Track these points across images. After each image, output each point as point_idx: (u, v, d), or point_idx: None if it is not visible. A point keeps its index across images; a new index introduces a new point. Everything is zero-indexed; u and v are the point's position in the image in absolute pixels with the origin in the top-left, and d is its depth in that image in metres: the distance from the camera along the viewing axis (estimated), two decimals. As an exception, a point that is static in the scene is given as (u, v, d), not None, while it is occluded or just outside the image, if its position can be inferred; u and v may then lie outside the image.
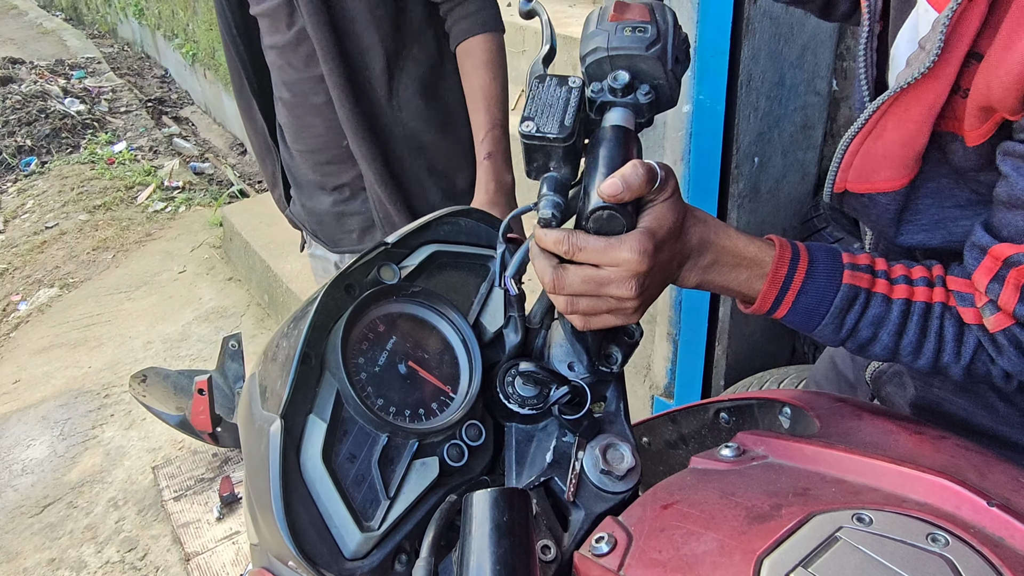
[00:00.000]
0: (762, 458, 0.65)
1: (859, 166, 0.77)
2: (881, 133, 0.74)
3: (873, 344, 0.73)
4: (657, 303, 1.96)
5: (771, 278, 0.71)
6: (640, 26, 0.68)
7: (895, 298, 0.72)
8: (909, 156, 0.73)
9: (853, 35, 1.82)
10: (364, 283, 0.72)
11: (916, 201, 0.77)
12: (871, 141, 0.75)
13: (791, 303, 0.72)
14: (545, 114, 0.67)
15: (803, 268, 0.72)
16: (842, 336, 0.73)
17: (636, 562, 0.56)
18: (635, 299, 0.65)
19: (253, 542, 0.70)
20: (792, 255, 0.72)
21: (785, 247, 0.72)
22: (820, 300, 0.71)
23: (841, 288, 0.71)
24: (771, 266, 0.71)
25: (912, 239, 0.79)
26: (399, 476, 0.64)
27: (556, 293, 0.67)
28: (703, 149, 1.70)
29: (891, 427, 0.67)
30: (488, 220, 0.82)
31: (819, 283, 0.71)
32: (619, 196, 0.63)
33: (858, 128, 0.75)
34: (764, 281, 0.71)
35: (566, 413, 0.70)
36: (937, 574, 0.47)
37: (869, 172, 0.76)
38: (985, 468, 0.58)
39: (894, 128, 0.72)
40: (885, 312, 0.72)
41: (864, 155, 0.76)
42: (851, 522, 0.51)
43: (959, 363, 0.71)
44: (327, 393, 0.65)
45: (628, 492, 0.68)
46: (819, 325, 0.72)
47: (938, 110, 0.69)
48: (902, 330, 0.72)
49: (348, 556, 0.60)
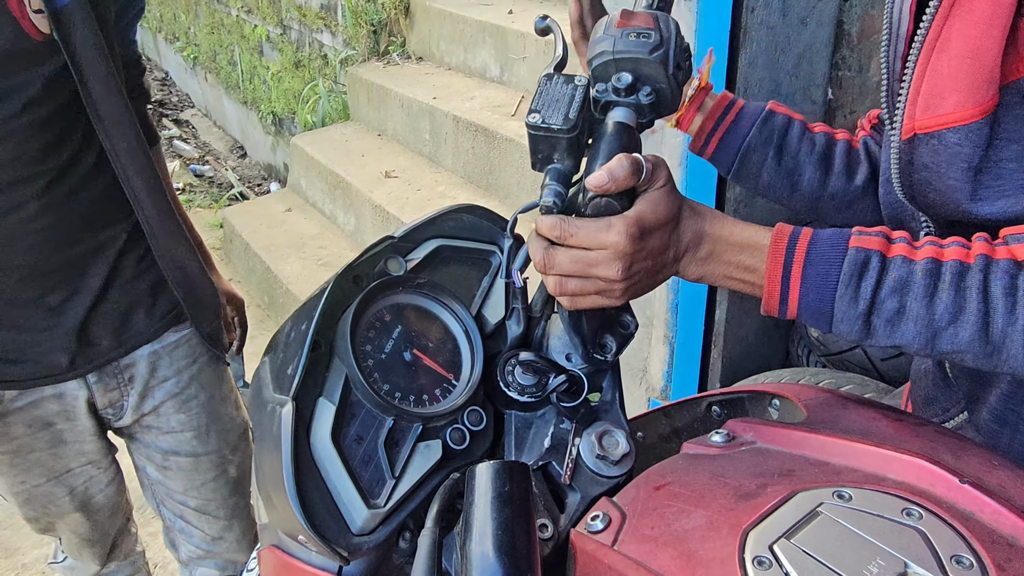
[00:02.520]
0: (750, 443, 0.68)
1: (926, 92, 0.69)
2: (946, 44, 0.67)
3: (904, 319, 0.64)
4: (654, 306, 1.99)
5: (772, 254, 0.68)
6: (644, 32, 0.72)
7: (918, 259, 0.65)
8: (979, 74, 0.65)
9: (848, 46, 1.86)
10: (371, 275, 0.76)
11: (997, 162, 0.68)
12: (936, 55, 0.68)
13: (799, 279, 0.67)
14: (551, 107, 0.71)
15: (805, 239, 0.68)
16: (863, 310, 0.65)
17: (629, 538, 0.59)
18: (621, 281, 0.67)
19: (262, 522, 0.73)
20: (792, 231, 0.69)
21: (785, 226, 0.69)
22: (827, 270, 0.66)
23: (848, 252, 0.66)
24: (770, 243, 0.68)
25: (991, 207, 0.69)
26: (404, 457, 0.67)
27: (546, 273, 0.70)
28: (700, 154, 1.73)
29: (874, 415, 0.70)
30: (491, 217, 0.85)
31: (823, 250, 0.67)
32: (605, 187, 0.66)
33: (921, 40, 0.68)
34: (766, 260, 0.68)
35: (564, 401, 0.73)
36: (911, 545, 0.50)
37: (937, 99, 0.68)
38: (961, 451, 0.61)
39: (959, 35, 0.65)
40: (908, 274, 0.64)
41: (931, 76, 0.69)
42: (832, 498, 0.54)
43: (1016, 323, 0.61)
44: (336, 378, 0.68)
45: (622, 476, 0.71)
46: (835, 302, 0.66)
47: (1007, 5, 0.62)
48: (933, 291, 0.63)
49: (355, 532, 0.63)
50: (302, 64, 4.91)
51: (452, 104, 3.30)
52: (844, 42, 1.87)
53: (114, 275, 1.24)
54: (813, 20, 1.73)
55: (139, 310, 1.29)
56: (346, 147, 3.85)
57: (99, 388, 1.28)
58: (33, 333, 1.19)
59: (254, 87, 5.56)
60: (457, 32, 3.65)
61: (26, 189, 1.11)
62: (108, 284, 1.24)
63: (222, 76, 6.15)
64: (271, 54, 5.35)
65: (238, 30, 5.74)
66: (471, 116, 3.14)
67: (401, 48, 4.08)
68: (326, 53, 4.62)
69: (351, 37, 4.28)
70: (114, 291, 1.25)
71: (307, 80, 4.75)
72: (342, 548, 0.61)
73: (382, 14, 4.07)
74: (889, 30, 0.82)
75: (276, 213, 3.97)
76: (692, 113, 1.02)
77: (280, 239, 3.67)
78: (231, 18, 5.84)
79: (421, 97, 3.46)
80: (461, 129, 3.19)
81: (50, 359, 1.21)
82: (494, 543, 0.50)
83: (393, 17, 4.06)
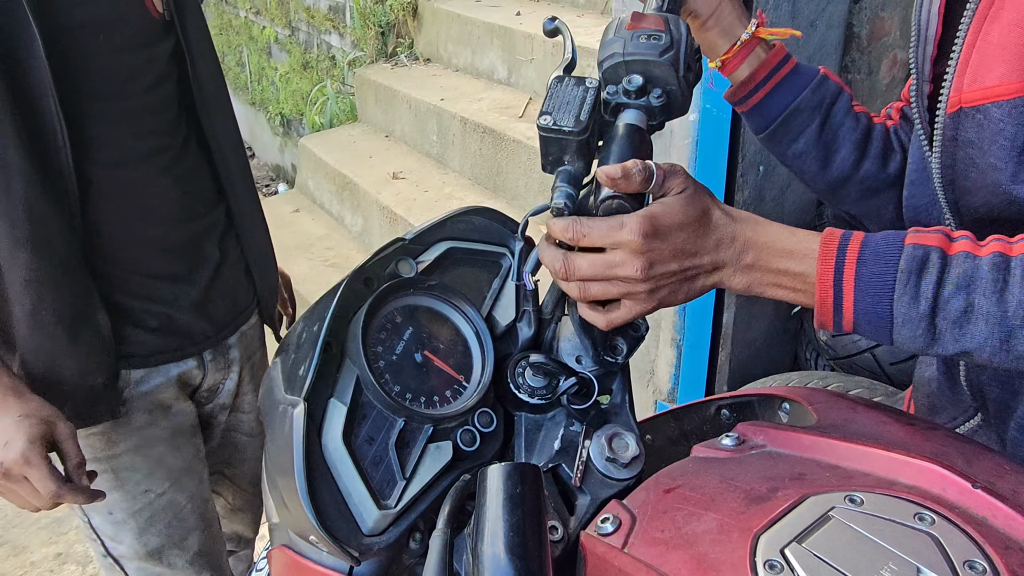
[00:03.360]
0: (761, 447, 0.68)
1: (976, 62, 0.66)
2: (998, 13, 0.64)
3: (972, 319, 0.59)
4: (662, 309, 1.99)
5: (822, 256, 0.64)
6: (655, 34, 0.72)
7: (984, 254, 0.60)
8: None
9: (858, 48, 1.86)
10: (382, 276, 0.76)
11: None
12: (988, 25, 0.64)
13: (852, 281, 0.62)
14: (562, 109, 0.71)
15: (857, 239, 0.64)
16: (925, 310, 0.60)
17: (640, 540, 0.59)
18: (643, 280, 0.66)
19: (273, 521, 0.73)
20: (843, 233, 0.65)
21: (835, 229, 0.66)
22: (883, 268, 0.61)
23: (904, 248, 0.62)
24: (820, 246, 0.65)
25: None
26: (415, 458, 0.67)
27: (567, 280, 0.69)
28: (709, 157, 1.73)
29: (885, 419, 0.70)
30: (501, 220, 0.86)
31: (877, 248, 0.63)
32: (616, 182, 0.65)
33: (974, 8, 0.65)
34: (816, 264, 0.64)
35: (574, 403, 0.73)
36: (923, 550, 0.50)
37: (984, 70, 0.65)
38: (972, 456, 0.61)
39: (1012, 2, 0.63)
40: (973, 269, 0.59)
41: (980, 48, 0.65)
42: (843, 503, 0.54)
43: None
44: (347, 379, 0.68)
45: (632, 479, 0.71)
46: (893, 304, 0.61)
47: None
48: (1003, 287, 0.58)
49: (366, 532, 0.63)
50: (310, 65, 4.93)
51: (460, 106, 3.31)
52: (854, 45, 1.87)
53: (223, 254, 1.29)
54: (822, 23, 1.73)
55: (239, 290, 1.34)
56: (354, 148, 3.86)
57: (212, 367, 1.31)
58: (164, 305, 1.21)
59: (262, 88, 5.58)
60: (465, 34, 3.66)
61: (160, 161, 1.16)
62: (220, 262, 1.28)
63: (230, 77, 6.17)
64: (279, 55, 5.37)
65: (246, 31, 5.76)
66: (479, 118, 3.15)
67: (409, 50, 4.09)
68: (334, 54, 4.64)
69: (359, 39, 4.29)
70: (224, 268, 1.29)
71: (315, 81, 4.76)
72: (353, 548, 0.62)
73: (390, 16, 4.08)
74: (918, 33, 0.79)
75: (284, 214, 3.99)
76: (739, 60, 0.93)
77: (288, 240, 3.68)
78: (239, 19, 5.87)
79: (429, 98, 3.47)
80: (469, 131, 3.20)
81: (182, 330, 1.23)
82: (506, 545, 0.50)
83: (401, 19, 4.08)
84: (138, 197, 1.15)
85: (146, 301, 1.19)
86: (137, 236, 1.16)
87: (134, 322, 1.18)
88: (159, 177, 1.16)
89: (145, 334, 1.20)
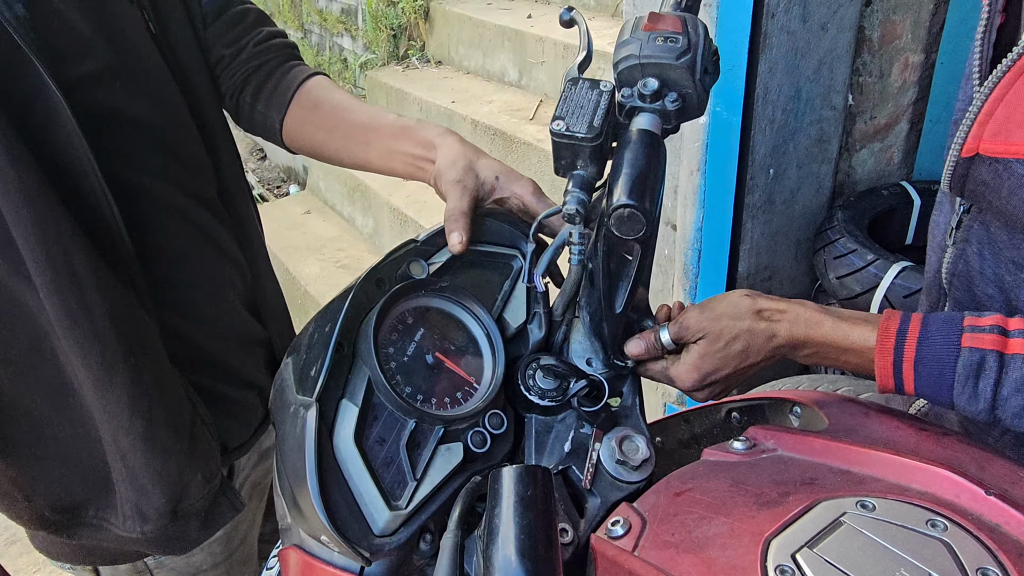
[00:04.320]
0: (772, 451, 0.67)
1: (1001, 118, 0.66)
2: None
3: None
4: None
5: (880, 351, 0.67)
6: (672, 36, 0.71)
7: None
8: None
9: (869, 51, 1.85)
10: (394, 278, 0.77)
11: None
12: (1022, 84, 0.64)
13: (912, 377, 0.66)
14: (575, 114, 0.71)
15: (913, 337, 0.66)
16: (983, 407, 0.65)
17: (650, 544, 0.59)
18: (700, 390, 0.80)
19: (284, 522, 0.73)
20: (900, 326, 0.67)
21: (892, 319, 0.68)
22: (941, 370, 0.65)
23: (961, 353, 0.64)
24: (876, 345, 0.68)
25: None
26: (425, 459, 0.67)
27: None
28: (719, 160, 1.73)
29: (896, 424, 0.70)
30: (512, 222, 0.86)
31: (933, 351, 0.66)
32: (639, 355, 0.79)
33: (1011, 63, 0.64)
34: (875, 360, 0.68)
35: (584, 405, 0.73)
36: (936, 556, 0.49)
37: (1013, 127, 0.65)
38: (985, 462, 0.61)
39: None
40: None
41: (1010, 104, 0.65)
42: (855, 508, 0.54)
43: None
44: (359, 380, 0.69)
45: (642, 482, 0.71)
46: (953, 399, 0.66)
47: None
48: None
49: (377, 532, 0.63)
50: (322, 68, 4.94)
51: (470, 108, 3.31)
52: (865, 47, 1.86)
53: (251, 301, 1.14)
54: (833, 25, 1.72)
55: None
56: (364, 150, 3.86)
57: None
58: (241, 375, 1.08)
59: (274, 90, 5.59)
60: (476, 36, 3.67)
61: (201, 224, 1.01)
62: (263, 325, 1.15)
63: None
64: (291, 57, 5.38)
65: (259, 33, 5.78)
66: (489, 120, 3.15)
67: (420, 52, 4.10)
68: (346, 57, 4.65)
69: (371, 41, 4.30)
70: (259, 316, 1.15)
71: (326, 83, 4.77)
72: (364, 549, 0.62)
73: (402, 18, 4.09)
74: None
75: (295, 215, 4.00)
76: None
77: (299, 241, 3.69)
78: (252, 22, 5.89)
79: (440, 101, 3.47)
80: (479, 133, 3.20)
81: (265, 395, 1.10)
82: (517, 547, 0.50)
83: (412, 21, 4.09)
84: (189, 263, 0.99)
85: (225, 374, 1.05)
86: (199, 310, 1.00)
87: (226, 402, 1.05)
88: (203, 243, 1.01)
89: (240, 408, 1.08)
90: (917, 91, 2.00)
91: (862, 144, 2.00)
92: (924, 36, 1.93)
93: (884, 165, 2.08)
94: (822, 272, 1.76)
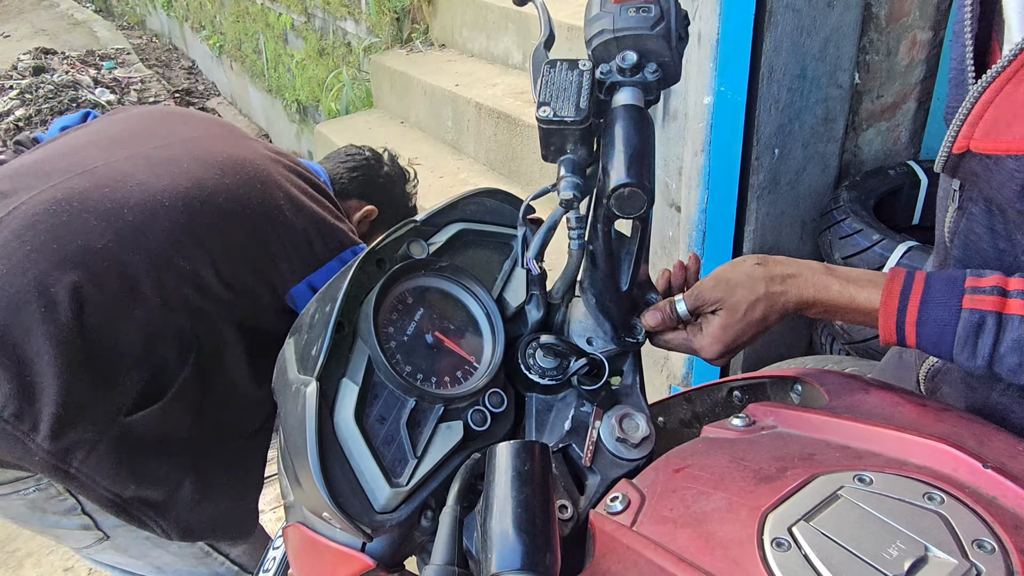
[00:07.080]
0: (771, 428, 0.68)
1: (992, 119, 0.67)
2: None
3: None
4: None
5: (884, 312, 0.70)
6: (643, 6, 0.70)
7: None
8: None
9: (876, 29, 1.83)
10: (394, 258, 0.77)
11: None
12: (1013, 86, 0.64)
13: (915, 335, 0.69)
14: (560, 98, 0.69)
15: (916, 299, 0.69)
16: (981, 364, 0.67)
17: (649, 519, 0.59)
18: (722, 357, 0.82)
19: (288, 499, 0.74)
20: (903, 287, 0.70)
21: (896, 280, 0.70)
22: (941, 331, 0.67)
23: (962, 313, 0.66)
24: (881, 305, 0.71)
25: None
26: (426, 438, 0.68)
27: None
28: (723, 140, 1.72)
29: (896, 400, 0.70)
30: (512, 201, 0.86)
31: (935, 313, 0.68)
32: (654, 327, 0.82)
33: (1000, 69, 0.64)
34: (879, 318, 0.71)
35: (585, 384, 0.73)
36: (932, 529, 0.50)
37: (1003, 127, 0.66)
38: (984, 436, 0.61)
39: None
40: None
41: (1001, 104, 0.66)
42: (852, 482, 0.54)
43: None
44: (359, 359, 0.69)
45: (642, 459, 0.71)
46: (953, 356, 0.68)
47: None
48: None
49: (378, 509, 0.64)
50: (326, 52, 4.93)
51: (475, 91, 3.29)
52: (872, 25, 1.84)
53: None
54: (840, 3, 1.70)
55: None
56: (369, 134, 3.86)
57: None
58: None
59: (279, 75, 5.59)
60: (480, 19, 3.64)
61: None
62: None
63: (247, 64, 6.19)
64: (295, 42, 5.37)
65: (263, 18, 5.77)
66: (493, 103, 3.13)
67: (424, 35, 4.08)
68: (349, 41, 4.63)
69: (374, 25, 4.28)
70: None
71: (331, 68, 4.76)
72: (365, 525, 0.62)
73: (405, 1, 4.07)
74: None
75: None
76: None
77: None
78: (256, 6, 5.87)
79: (444, 84, 3.46)
80: (483, 116, 3.19)
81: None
82: (513, 520, 0.50)
83: (416, 4, 4.06)
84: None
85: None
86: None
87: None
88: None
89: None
90: (925, 69, 1.98)
91: (869, 123, 1.98)
92: (932, 13, 1.90)
93: (891, 145, 2.06)
94: (827, 252, 1.76)
